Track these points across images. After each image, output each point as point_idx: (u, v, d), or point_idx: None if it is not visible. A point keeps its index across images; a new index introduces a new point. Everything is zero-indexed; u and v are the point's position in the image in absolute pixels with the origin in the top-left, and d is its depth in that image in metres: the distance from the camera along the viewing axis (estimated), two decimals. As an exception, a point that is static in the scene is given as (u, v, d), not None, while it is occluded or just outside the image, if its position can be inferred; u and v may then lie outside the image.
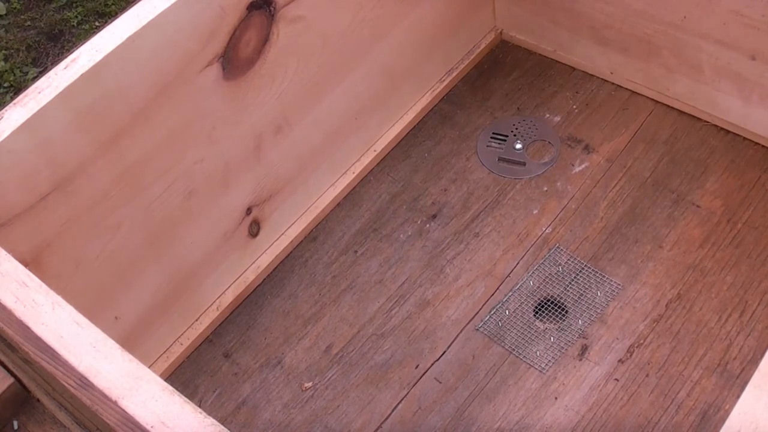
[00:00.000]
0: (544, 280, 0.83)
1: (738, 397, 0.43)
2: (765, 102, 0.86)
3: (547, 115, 0.97)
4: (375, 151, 0.95)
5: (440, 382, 0.78)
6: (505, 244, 0.87)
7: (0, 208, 0.62)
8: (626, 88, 0.97)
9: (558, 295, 0.82)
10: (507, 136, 0.96)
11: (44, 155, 0.63)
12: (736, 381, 0.74)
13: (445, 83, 1.01)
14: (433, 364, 0.79)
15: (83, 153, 0.66)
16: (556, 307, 0.81)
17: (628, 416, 0.73)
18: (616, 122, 0.95)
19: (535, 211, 0.89)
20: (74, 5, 2.33)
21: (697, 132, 0.93)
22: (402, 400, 0.77)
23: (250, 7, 0.73)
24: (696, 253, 0.83)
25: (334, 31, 0.82)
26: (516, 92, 1.00)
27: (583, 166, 0.92)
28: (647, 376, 0.75)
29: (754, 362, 0.49)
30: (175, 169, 0.74)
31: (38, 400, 0.56)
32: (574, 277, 0.83)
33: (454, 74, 1.02)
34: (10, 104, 0.62)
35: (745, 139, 0.91)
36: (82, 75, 0.63)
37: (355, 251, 0.89)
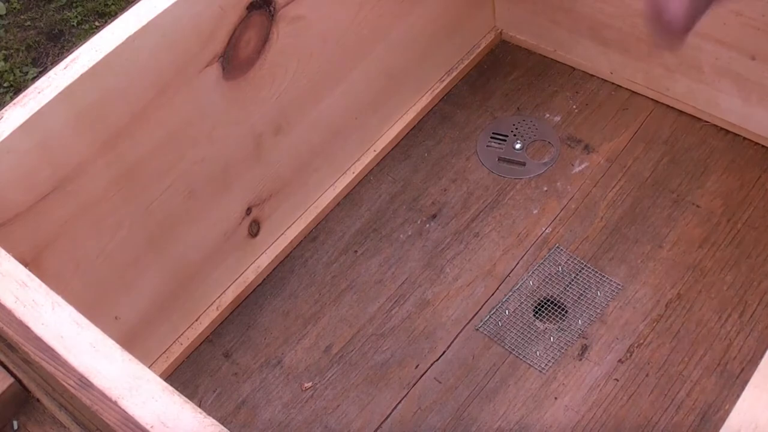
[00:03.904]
0: (544, 280, 0.83)
1: (738, 397, 0.43)
2: (765, 102, 0.86)
3: (547, 115, 0.97)
4: (375, 151, 0.95)
5: (440, 382, 0.78)
6: (505, 244, 0.87)
7: (0, 208, 0.62)
8: (626, 88, 0.97)
9: (558, 295, 0.82)
10: (507, 136, 0.96)
11: (44, 155, 0.63)
12: (736, 381, 0.74)
13: (445, 83, 1.01)
14: (433, 364, 0.79)
15: (83, 153, 0.66)
16: (556, 307, 0.81)
17: (628, 416, 0.73)
18: (616, 122, 0.95)
19: (535, 211, 0.89)
20: (74, 5, 2.33)
21: (697, 132, 0.93)
22: (402, 400, 0.77)
23: (250, 7, 0.73)
24: (696, 253, 0.83)
25: (334, 31, 0.82)
26: (516, 92, 1.00)
27: (583, 166, 0.92)
28: (647, 376, 0.75)
29: (754, 362, 0.49)
30: (175, 169, 0.74)
31: (38, 400, 0.56)
32: (574, 277, 0.83)
33: (454, 74, 1.02)
34: (10, 104, 0.62)
35: (745, 139, 0.91)
36: (82, 75, 0.63)
37: (355, 251, 0.89)
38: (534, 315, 0.81)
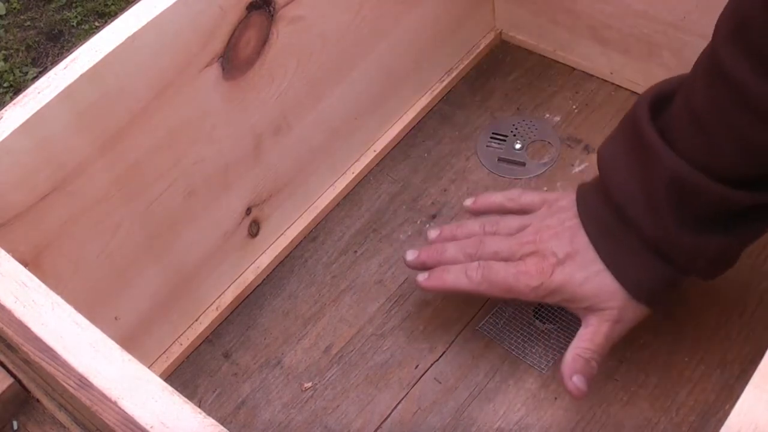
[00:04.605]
0: (544, 280, 0.83)
1: (738, 397, 0.43)
2: (765, 102, 0.86)
3: (547, 115, 0.97)
4: (375, 151, 0.96)
5: (440, 383, 0.78)
6: (505, 244, 0.87)
7: (0, 208, 0.62)
8: (626, 89, 0.97)
9: (558, 295, 0.82)
10: (507, 136, 0.96)
11: (44, 155, 0.63)
12: (735, 381, 0.74)
13: (445, 83, 1.01)
14: (432, 364, 0.79)
15: (83, 153, 0.66)
16: (555, 307, 0.81)
17: (628, 416, 0.73)
18: (616, 122, 0.94)
19: (535, 211, 0.89)
20: (74, 5, 2.33)
21: (697, 132, 0.92)
22: (402, 400, 0.77)
23: (250, 8, 0.73)
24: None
25: (334, 31, 0.82)
26: (516, 92, 1.00)
27: (583, 166, 0.92)
28: (647, 376, 0.75)
29: (754, 362, 0.49)
30: (175, 169, 0.74)
31: (38, 400, 0.56)
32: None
33: (454, 74, 1.02)
34: (10, 104, 0.62)
35: (745, 139, 0.91)
36: (82, 75, 0.63)
37: (355, 251, 0.89)
38: (534, 315, 0.81)
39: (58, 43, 2.19)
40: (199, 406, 0.46)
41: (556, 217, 0.66)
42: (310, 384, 0.80)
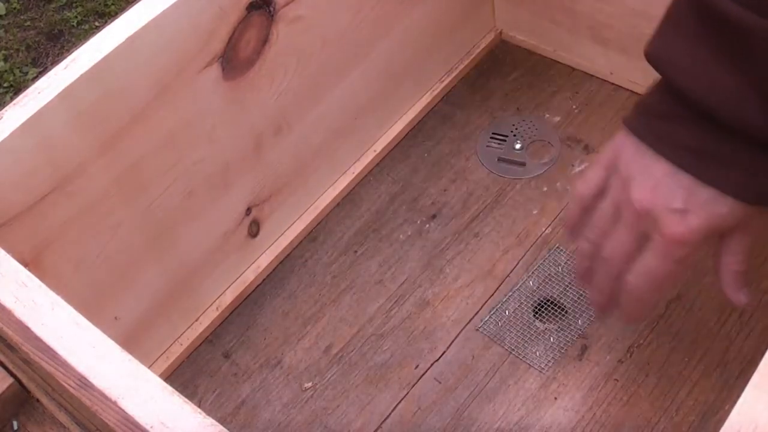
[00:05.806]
0: (544, 280, 0.83)
1: (738, 397, 0.43)
2: (765, 102, 0.86)
3: (547, 115, 0.97)
4: (375, 151, 0.96)
5: (440, 383, 0.78)
6: (504, 244, 0.87)
7: (0, 208, 0.62)
8: (626, 88, 0.97)
9: (558, 295, 0.82)
10: (507, 136, 0.96)
11: (44, 155, 0.63)
12: (735, 381, 0.74)
13: (445, 83, 1.01)
14: (432, 365, 0.79)
15: (83, 153, 0.66)
16: (555, 308, 0.81)
17: (628, 416, 0.73)
18: (616, 122, 0.95)
19: (535, 212, 0.89)
20: (74, 5, 2.34)
21: (697, 132, 0.92)
22: (402, 400, 0.77)
23: (250, 8, 0.73)
24: (696, 253, 0.83)
25: (334, 31, 0.83)
26: (516, 92, 1.00)
27: (583, 166, 0.92)
28: (647, 376, 0.75)
29: (754, 362, 0.49)
30: (175, 169, 0.74)
31: (38, 400, 0.56)
32: (574, 278, 0.83)
33: (454, 74, 1.02)
34: (10, 104, 0.62)
35: (744, 139, 0.91)
36: (82, 75, 0.63)
37: (355, 251, 0.89)
38: (534, 315, 0.81)
39: (58, 43, 2.19)
40: (199, 406, 0.46)
41: (634, 173, 0.58)
42: (310, 384, 0.80)
